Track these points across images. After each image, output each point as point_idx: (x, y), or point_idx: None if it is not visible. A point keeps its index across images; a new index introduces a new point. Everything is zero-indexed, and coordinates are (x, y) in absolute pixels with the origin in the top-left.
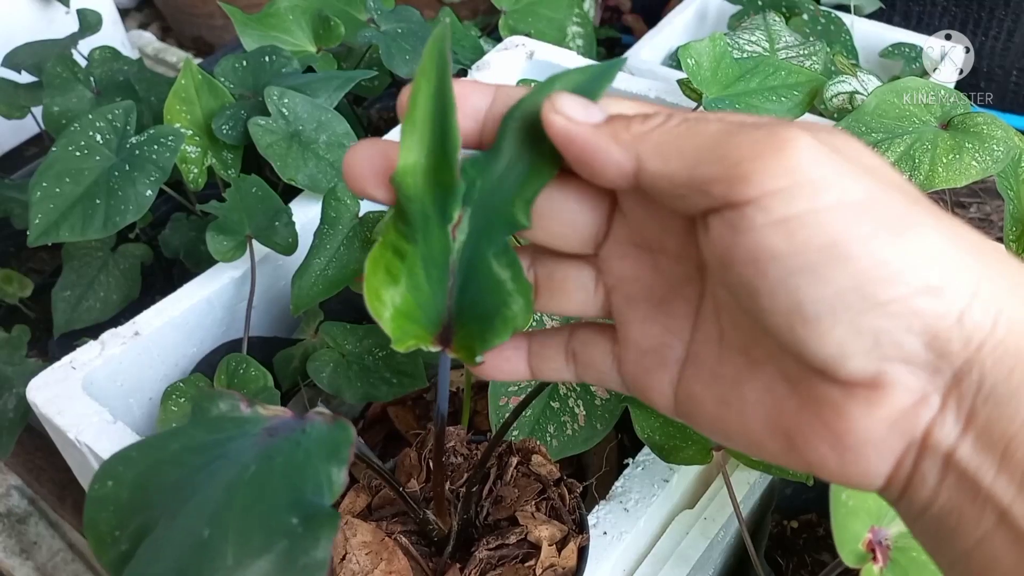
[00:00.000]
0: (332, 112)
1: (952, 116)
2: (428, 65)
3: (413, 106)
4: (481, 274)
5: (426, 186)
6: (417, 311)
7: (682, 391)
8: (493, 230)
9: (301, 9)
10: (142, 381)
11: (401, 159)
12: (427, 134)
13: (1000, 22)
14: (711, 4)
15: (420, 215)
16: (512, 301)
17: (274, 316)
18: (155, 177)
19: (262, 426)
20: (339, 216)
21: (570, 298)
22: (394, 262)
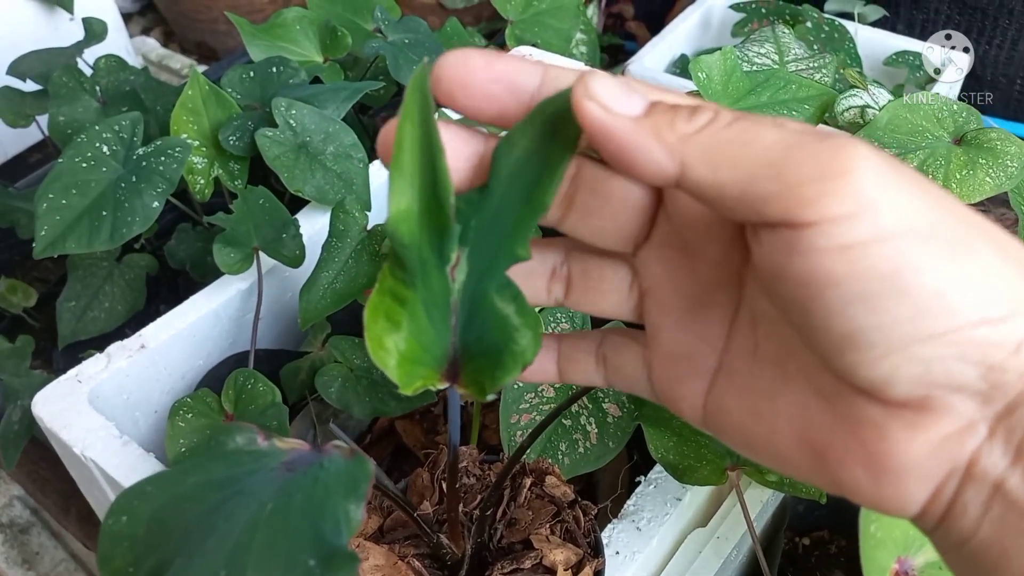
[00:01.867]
0: (340, 123)
1: (965, 131)
2: (411, 107)
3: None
4: (485, 310)
5: (421, 231)
6: (422, 353)
7: (712, 402)
8: (493, 266)
9: (308, 19)
10: (148, 394)
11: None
12: (416, 178)
13: (1004, 31)
14: (715, 12)
15: (417, 260)
16: (519, 336)
17: (281, 328)
18: (162, 189)
19: (280, 460)
20: (347, 229)
21: (604, 298)
22: (394, 308)
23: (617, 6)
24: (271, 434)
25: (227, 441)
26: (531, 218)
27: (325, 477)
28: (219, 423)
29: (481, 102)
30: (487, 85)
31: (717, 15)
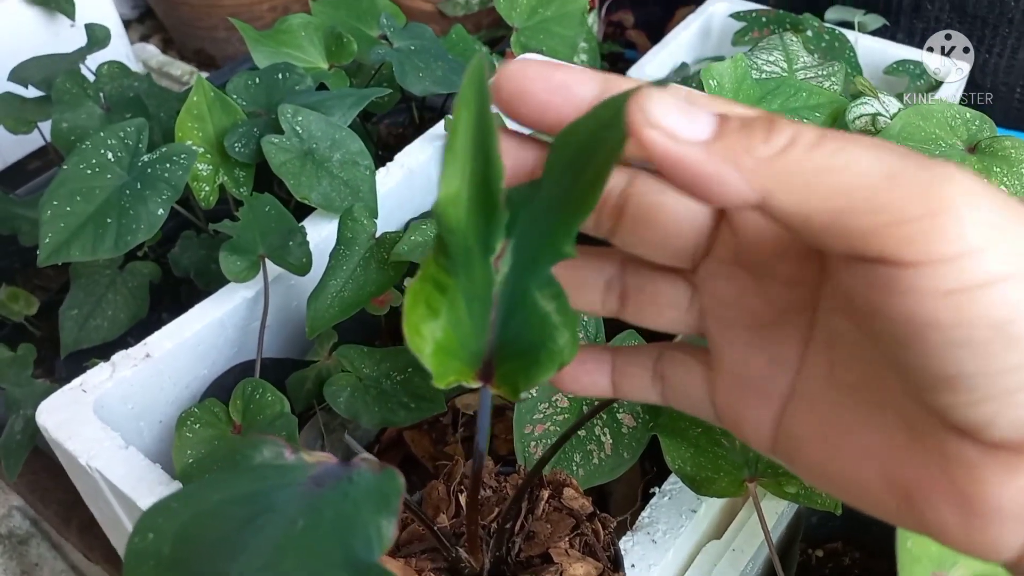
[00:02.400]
0: (346, 130)
1: (978, 139)
2: (468, 94)
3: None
4: (525, 307)
5: (468, 217)
6: (458, 346)
7: (783, 430)
8: (537, 261)
9: (313, 26)
10: (153, 404)
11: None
12: (468, 163)
13: (1004, 39)
14: (715, 20)
15: (462, 247)
16: (558, 335)
17: (286, 337)
18: (167, 196)
19: (307, 475)
20: (355, 237)
21: (660, 313)
22: (435, 296)
23: (617, 14)
24: (298, 447)
25: (253, 455)
26: (575, 217)
27: (355, 493)
28: (227, 434)
29: (539, 112)
30: (545, 95)
31: (717, 24)
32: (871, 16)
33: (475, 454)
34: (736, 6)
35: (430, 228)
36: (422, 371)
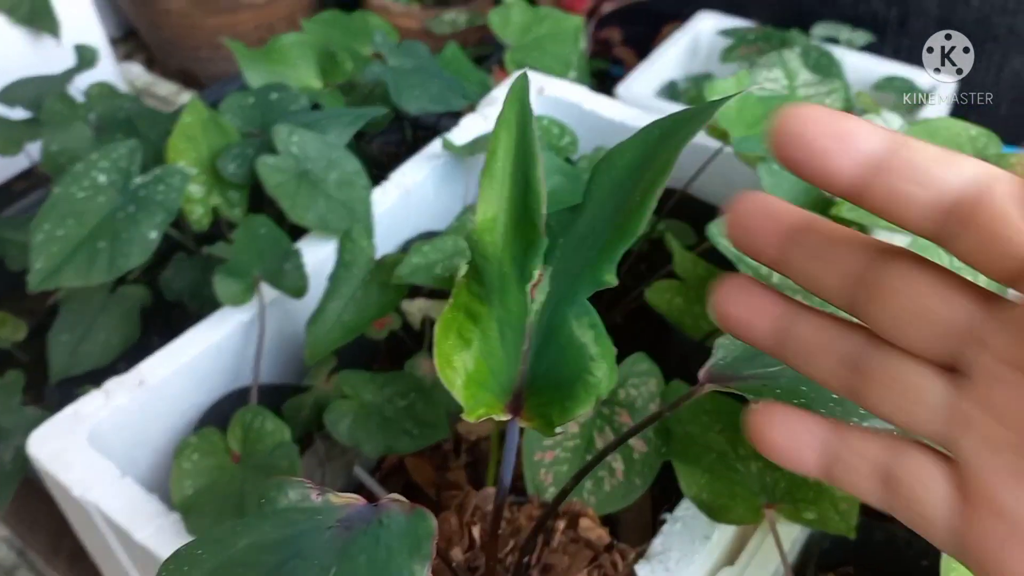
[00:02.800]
0: (342, 150)
1: (985, 157)
2: (508, 114)
3: (492, 158)
4: (561, 337)
5: (505, 244)
6: (489, 377)
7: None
8: (576, 289)
9: (306, 44)
10: (148, 432)
11: (480, 215)
12: (507, 188)
13: (989, 55)
14: (702, 37)
15: (497, 275)
16: (595, 367)
17: (283, 362)
18: (161, 219)
19: (335, 518)
20: (355, 259)
21: (900, 408)
22: (467, 325)
23: (605, 31)
24: (325, 489)
25: (278, 497)
26: (619, 244)
27: (387, 537)
28: (226, 464)
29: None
30: (826, 141)
31: (705, 40)
32: (858, 33)
33: (498, 489)
34: (723, 23)
35: (432, 250)
36: (426, 396)
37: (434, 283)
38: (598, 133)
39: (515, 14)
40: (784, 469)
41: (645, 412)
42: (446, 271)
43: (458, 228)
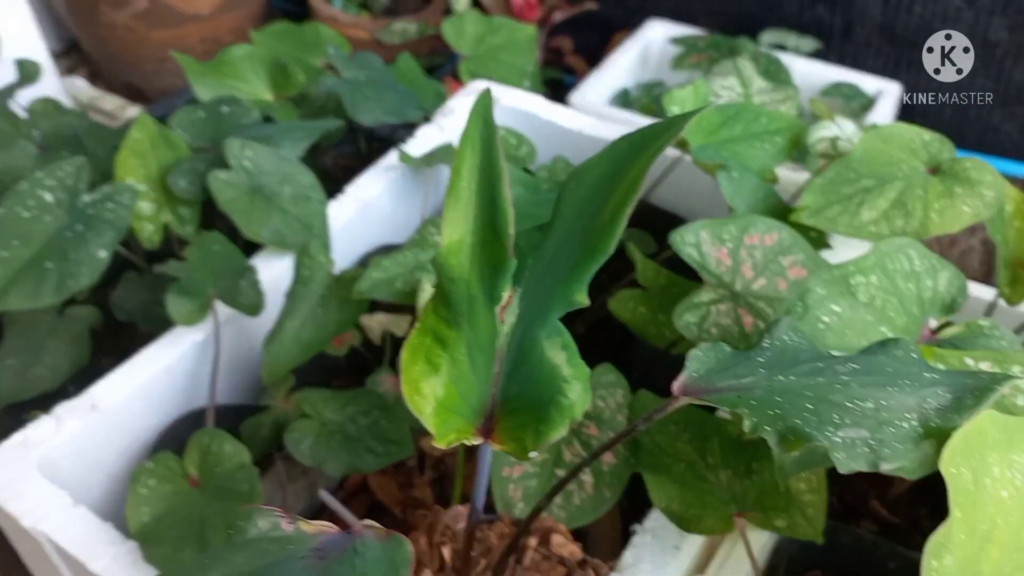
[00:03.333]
0: (297, 164)
1: (939, 161)
2: (472, 132)
3: (457, 177)
4: (533, 359)
5: (473, 265)
6: (460, 402)
7: None
8: (546, 310)
9: (257, 57)
10: (100, 458)
11: (445, 237)
12: (473, 208)
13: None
14: (653, 46)
15: (465, 297)
16: (568, 388)
17: (239, 381)
18: (110, 237)
19: (308, 546)
20: (313, 275)
21: None
22: (435, 349)
23: (556, 40)
24: (296, 517)
25: (247, 527)
26: (591, 263)
27: (363, 565)
28: (185, 489)
29: None
30: None
31: (656, 49)
32: (805, 40)
33: (471, 513)
34: (673, 31)
35: (392, 264)
36: (389, 413)
37: (395, 298)
38: (555, 142)
39: (469, 24)
40: (753, 477)
41: (613, 423)
42: (407, 285)
43: (418, 241)
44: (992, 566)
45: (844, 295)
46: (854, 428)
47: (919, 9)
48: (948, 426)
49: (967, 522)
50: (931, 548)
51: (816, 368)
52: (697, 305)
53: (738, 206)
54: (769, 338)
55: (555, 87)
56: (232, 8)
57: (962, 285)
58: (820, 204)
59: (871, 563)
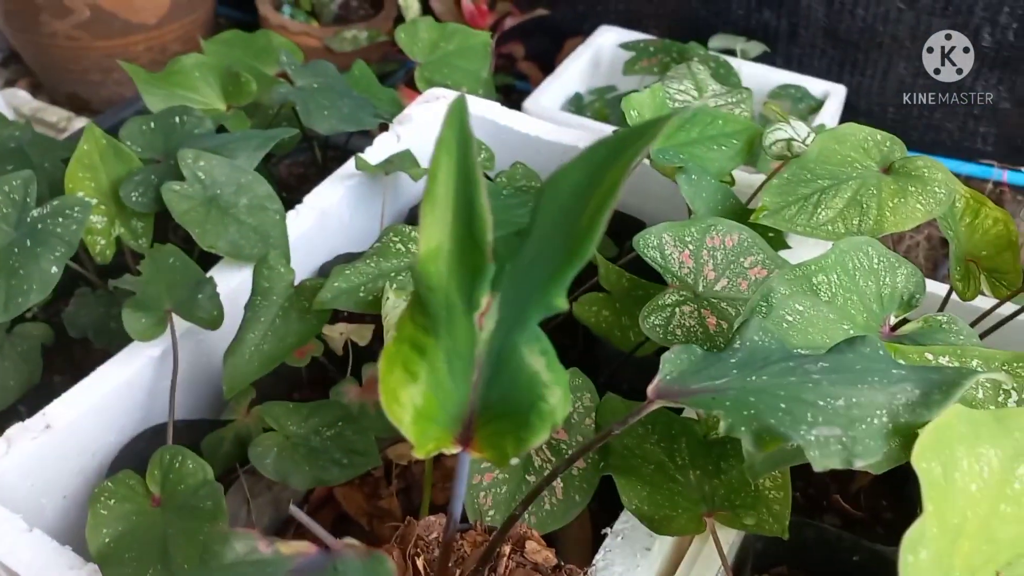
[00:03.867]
0: (252, 173)
1: (892, 160)
2: (448, 137)
3: (433, 183)
4: (512, 365)
5: (451, 272)
6: (439, 411)
7: None
8: (525, 315)
9: (208, 66)
10: (56, 478)
11: (423, 244)
12: (451, 213)
13: (875, 63)
14: (604, 51)
15: (444, 305)
16: (548, 394)
17: (199, 396)
18: (61, 252)
19: (286, 569)
20: (272, 286)
21: None
22: (412, 358)
23: (508, 46)
24: (273, 540)
25: (224, 551)
26: (569, 268)
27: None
28: (146, 508)
29: None
30: None
31: (607, 54)
32: (752, 44)
33: (448, 524)
34: (624, 36)
35: (355, 273)
36: (354, 424)
37: (358, 307)
38: (513, 148)
39: (423, 30)
40: (722, 476)
41: (581, 427)
42: (370, 294)
43: (380, 249)
44: (964, 559)
45: (807, 293)
46: (827, 426)
47: (861, 12)
48: (917, 421)
49: (939, 516)
50: (906, 543)
51: (787, 368)
52: (662, 307)
53: (698, 208)
54: (740, 339)
55: (507, 93)
56: (178, 17)
57: (920, 281)
58: (778, 204)
59: (835, 556)
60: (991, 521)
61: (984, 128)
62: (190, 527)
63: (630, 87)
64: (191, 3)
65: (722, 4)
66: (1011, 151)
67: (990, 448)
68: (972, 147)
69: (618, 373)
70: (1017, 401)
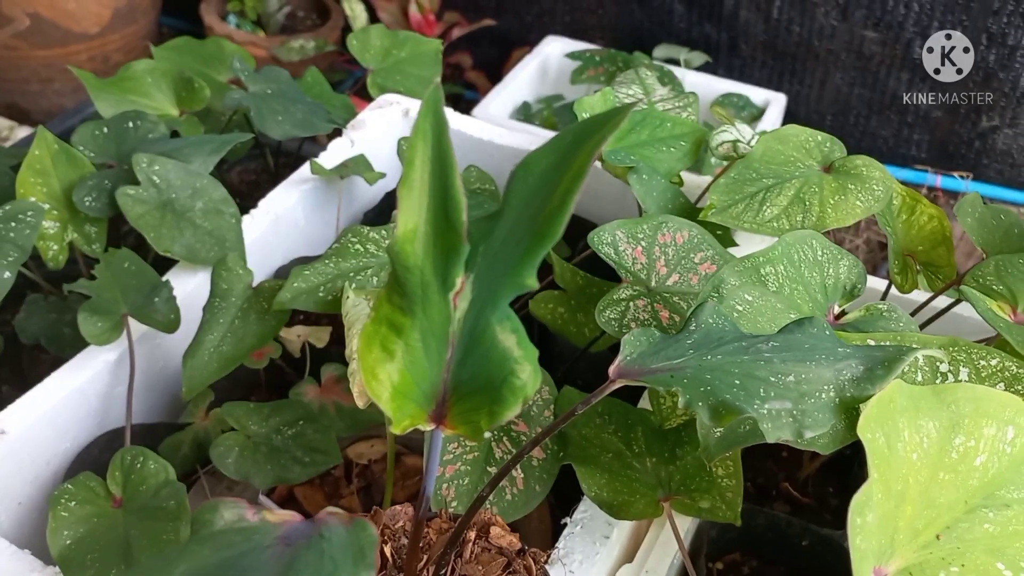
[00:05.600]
0: (208, 178)
1: (832, 160)
2: (423, 125)
3: (410, 168)
4: (484, 342)
5: (426, 253)
6: (414, 388)
7: None
8: (497, 294)
9: (160, 71)
10: (10, 486)
11: (400, 226)
12: (426, 197)
13: (812, 73)
14: (551, 60)
15: (419, 284)
16: (520, 369)
17: (156, 400)
18: (13, 258)
19: (273, 535)
20: (231, 288)
21: None
22: (390, 337)
23: (455, 56)
24: (260, 507)
25: (213, 519)
26: (540, 248)
27: (330, 550)
28: (108, 510)
29: None
30: None
31: (554, 63)
32: (695, 54)
33: (421, 503)
34: (570, 46)
35: (313, 274)
36: (315, 423)
37: (318, 307)
38: (466, 152)
39: (375, 38)
40: (678, 463)
41: (540, 419)
42: (329, 294)
43: (339, 250)
44: (907, 522)
45: (756, 284)
46: (778, 400)
47: (797, 28)
48: (862, 395)
49: (883, 482)
50: (854, 506)
51: (740, 347)
52: (617, 301)
53: (649, 207)
54: (695, 321)
55: (456, 102)
56: (121, 27)
57: (861, 272)
58: (725, 202)
59: (785, 541)
60: (931, 487)
61: (918, 135)
62: (153, 527)
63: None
64: (133, 13)
65: (664, 17)
66: (943, 157)
67: (929, 420)
68: (907, 153)
69: (573, 369)
70: (954, 382)
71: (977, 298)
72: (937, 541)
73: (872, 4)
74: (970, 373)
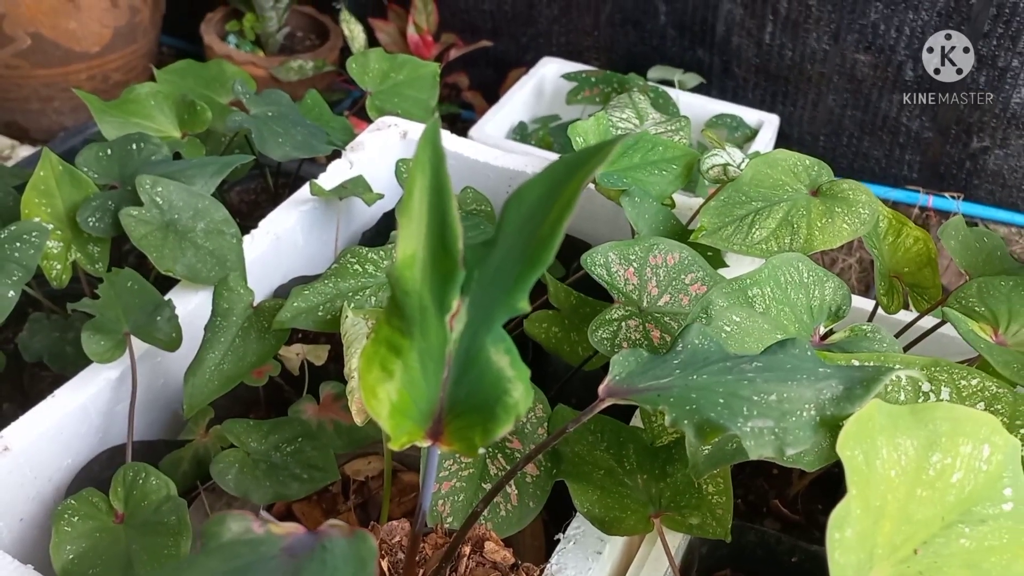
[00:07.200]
0: (210, 199)
1: (819, 183)
2: (422, 156)
3: (409, 198)
4: (479, 363)
5: (424, 278)
6: (412, 406)
7: None
8: (492, 317)
9: (163, 94)
10: (13, 502)
11: (399, 252)
12: (424, 225)
13: (804, 94)
14: (547, 81)
15: (418, 307)
16: (512, 388)
17: (156, 417)
18: (18, 277)
19: (279, 546)
20: (232, 307)
21: None
22: (389, 358)
23: (452, 76)
24: (266, 519)
25: (221, 531)
26: (531, 273)
27: (332, 560)
28: (109, 524)
29: None
30: None
31: (550, 84)
32: (689, 75)
33: (417, 517)
34: (566, 67)
35: (313, 294)
36: (314, 441)
37: (317, 326)
38: (463, 173)
39: (373, 61)
40: (668, 480)
41: (534, 437)
42: (328, 313)
43: (338, 270)
44: (886, 537)
45: (743, 305)
46: (761, 418)
47: (789, 52)
48: (842, 414)
49: (862, 499)
50: (833, 521)
51: (725, 367)
52: (609, 321)
53: (641, 229)
54: (682, 342)
55: (452, 122)
56: (121, 46)
57: (846, 294)
58: (715, 225)
59: (775, 558)
60: (909, 504)
61: (909, 156)
62: (154, 543)
63: (573, 116)
64: (134, 32)
65: (658, 41)
66: (935, 177)
67: (907, 438)
68: (899, 174)
69: (567, 387)
70: (934, 402)
71: (959, 319)
72: (915, 556)
73: (864, 28)
74: (951, 393)
